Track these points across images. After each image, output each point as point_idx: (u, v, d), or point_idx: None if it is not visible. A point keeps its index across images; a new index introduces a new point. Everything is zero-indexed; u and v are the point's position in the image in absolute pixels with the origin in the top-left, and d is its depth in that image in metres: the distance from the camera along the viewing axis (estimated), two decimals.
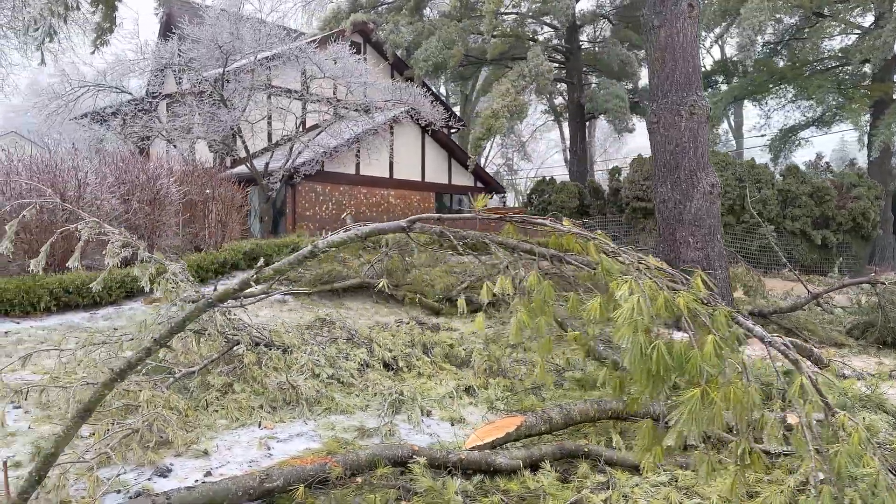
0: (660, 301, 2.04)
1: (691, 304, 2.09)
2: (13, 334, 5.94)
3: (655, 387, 2.07)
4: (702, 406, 1.97)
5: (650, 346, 1.96)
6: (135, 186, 7.80)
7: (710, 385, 1.99)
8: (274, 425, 4.29)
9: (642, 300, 1.97)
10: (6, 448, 3.79)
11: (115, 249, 4.39)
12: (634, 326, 1.95)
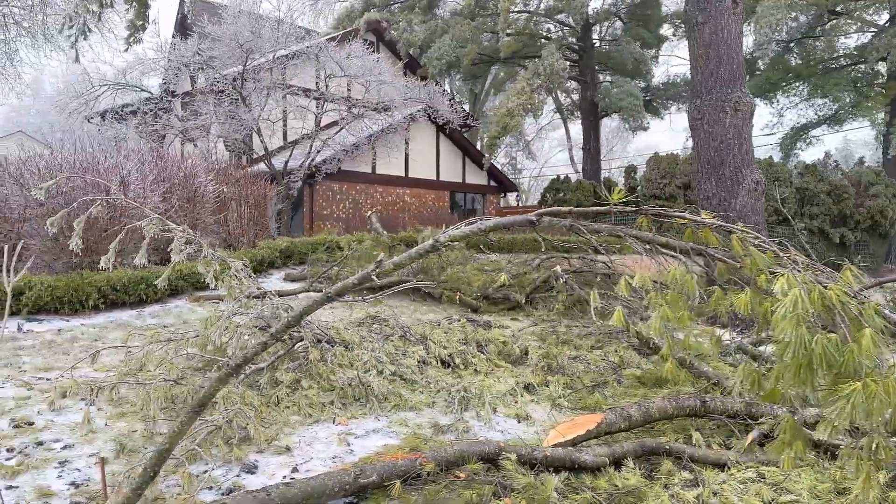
0: (814, 294, 2.02)
1: (843, 297, 2.07)
2: (66, 332, 5.93)
3: (805, 380, 2.05)
4: (863, 398, 1.95)
5: (812, 339, 1.94)
6: (174, 184, 7.79)
7: (869, 378, 1.97)
8: (347, 421, 4.28)
9: (802, 293, 1.95)
10: (89, 444, 3.78)
11: (180, 246, 4.38)
12: (796, 320, 1.93)
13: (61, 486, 3.31)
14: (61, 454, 3.65)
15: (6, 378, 4.84)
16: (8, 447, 3.70)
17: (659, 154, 20.58)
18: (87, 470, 3.50)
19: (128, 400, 4.41)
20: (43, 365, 5.14)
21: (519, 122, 20.77)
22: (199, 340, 4.95)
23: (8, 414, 4.19)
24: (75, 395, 4.48)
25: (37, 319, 6.20)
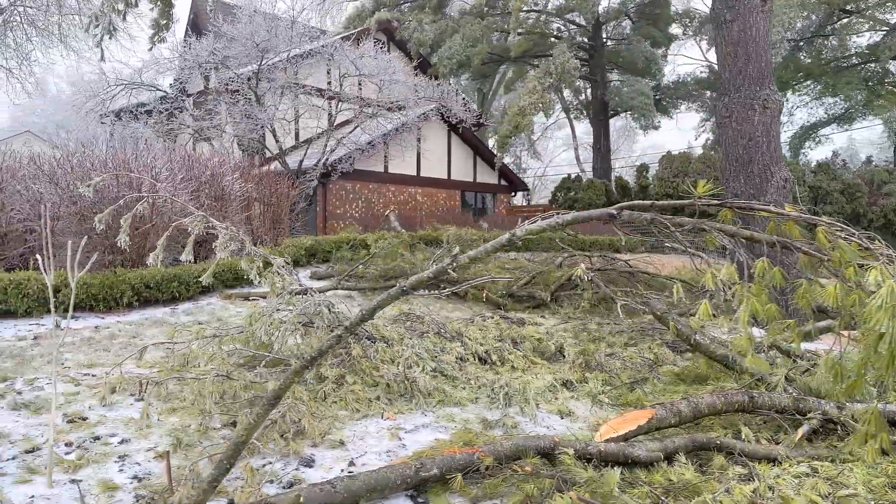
0: None
1: None
2: (103, 329, 5.97)
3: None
4: None
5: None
6: (202, 183, 7.83)
7: None
8: (395, 416, 4.31)
9: None
10: (145, 439, 3.81)
11: (225, 243, 4.42)
12: (892, 311, 1.94)
13: (124, 480, 3.34)
14: (119, 449, 3.69)
15: (52, 374, 4.88)
16: (66, 441, 3.74)
17: (671, 153, 20.57)
18: (147, 464, 3.53)
19: (176, 395, 4.44)
20: (86, 361, 5.17)
21: (530, 121, 20.78)
22: (243, 336, 4.99)
23: (60, 409, 4.23)
24: (124, 391, 4.51)
25: (74, 317, 6.24)
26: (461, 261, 2.60)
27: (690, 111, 28.88)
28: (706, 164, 19.63)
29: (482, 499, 3.31)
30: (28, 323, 6.00)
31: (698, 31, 27.51)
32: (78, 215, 6.79)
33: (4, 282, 5.95)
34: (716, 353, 4.85)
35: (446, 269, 2.60)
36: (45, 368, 5.00)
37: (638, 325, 6.59)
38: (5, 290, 5.96)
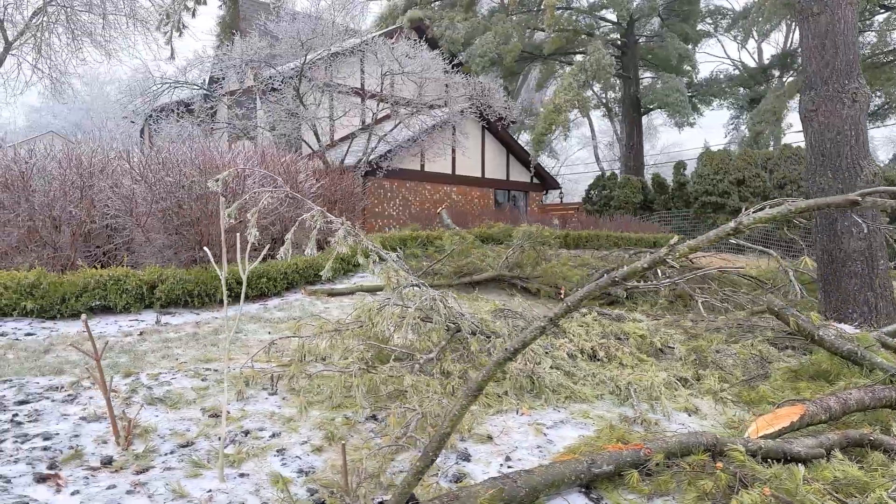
0: None
1: None
2: (204, 324, 5.98)
3: None
4: None
5: None
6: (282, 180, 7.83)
7: None
8: (530, 412, 4.27)
9: None
10: (295, 433, 3.80)
11: (344, 238, 4.40)
12: None
13: (290, 474, 3.33)
14: (273, 443, 3.68)
15: (171, 369, 4.89)
16: (221, 436, 3.73)
17: (710, 150, 20.38)
18: (307, 458, 3.52)
19: (307, 389, 4.43)
20: (201, 356, 5.18)
21: (566, 119, 20.67)
22: (361, 330, 4.97)
23: (195, 404, 4.23)
24: (255, 385, 4.51)
25: (169, 312, 6.26)
26: (681, 250, 2.55)
27: (722, 108, 28.63)
28: (747, 162, 19.43)
29: (654, 495, 3.26)
30: (128, 319, 6.02)
31: (730, 28, 27.25)
32: (164, 212, 6.81)
33: (104, 278, 5.98)
34: (841, 349, 4.76)
35: (664, 258, 2.55)
36: (161, 363, 5.01)
37: (733, 321, 6.50)
38: (105, 286, 5.99)
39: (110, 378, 4.65)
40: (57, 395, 4.30)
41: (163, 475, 3.26)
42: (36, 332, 5.59)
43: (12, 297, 5.71)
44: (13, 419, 3.87)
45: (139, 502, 3.00)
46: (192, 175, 6.82)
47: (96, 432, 3.77)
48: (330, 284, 7.73)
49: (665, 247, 2.57)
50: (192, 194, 6.74)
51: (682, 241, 2.68)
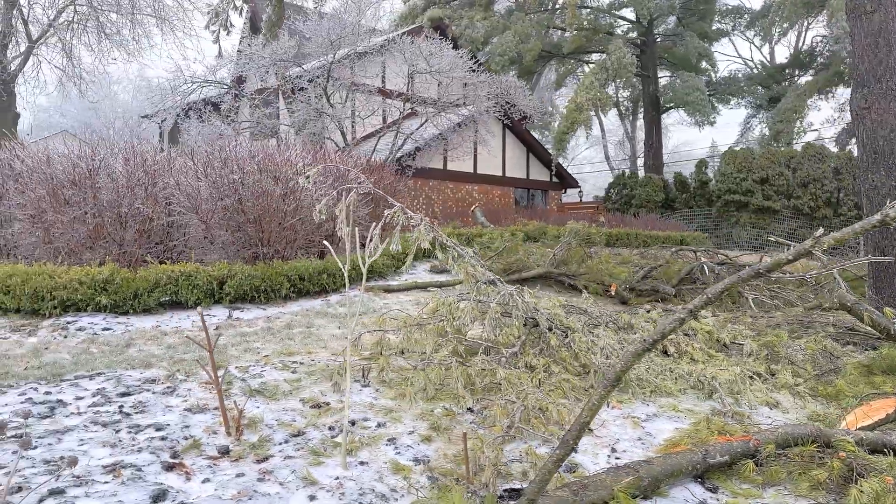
0: None
1: None
2: (275, 319, 6.07)
3: None
4: None
5: None
6: (336, 178, 7.93)
7: None
8: (619, 405, 4.33)
9: None
10: (400, 424, 3.88)
11: (426, 234, 4.47)
12: None
13: (406, 462, 3.41)
14: (380, 432, 3.75)
15: (257, 362, 4.97)
16: (328, 425, 3.81)
17: (733, 150, 20.40)
18: (418, 447, 3.59)
19: (396, 381, 4.51)
20: (282, 349, 5.27)
21: (588, 117, 20.70)
22: (441, 325, 5.04)
23: (292, 395, 4.31)
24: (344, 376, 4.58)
25: (238, 308, 6.35)
26: (825, 243, 2.61)
27: (739, 107, 28.61)
28: (770, 160, 19.43)
29: (766, 485, 3.33)
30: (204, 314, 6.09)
31: (749, 27, 27.22)
32: (224, 210, 6.90)
33: (175, 273, 6.07)
34: None
35: (809, 249, 2.61)
36: (245, 357, 5.10)
37: (792, 318, 6.55)
38: (176, 282, 6.08)
39: (203, 370, 4.74)
40: (156, 387, 4.39)
41: (285, 464, 3.34)
42: (112, 328, 5.69)
43: (87, 292, 5.81)
44: (121, 410, 3.96)
45: (271, 489, 3.08)
46: (253, 173, 6.91)
47: (204, 423, 3.85)
48: (383, 281, 7.82)
49: (810, 239, 2.63)
50: (254, 192, 6.83)
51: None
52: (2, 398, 4.17)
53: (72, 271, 5.86)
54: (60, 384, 4.43)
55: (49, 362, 4.86)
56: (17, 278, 5.77)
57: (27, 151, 6.64)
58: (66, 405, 4.05)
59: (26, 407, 4.00)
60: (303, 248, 7.47)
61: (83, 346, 5.22)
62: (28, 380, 4.53)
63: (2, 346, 5.18)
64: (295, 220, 7.14)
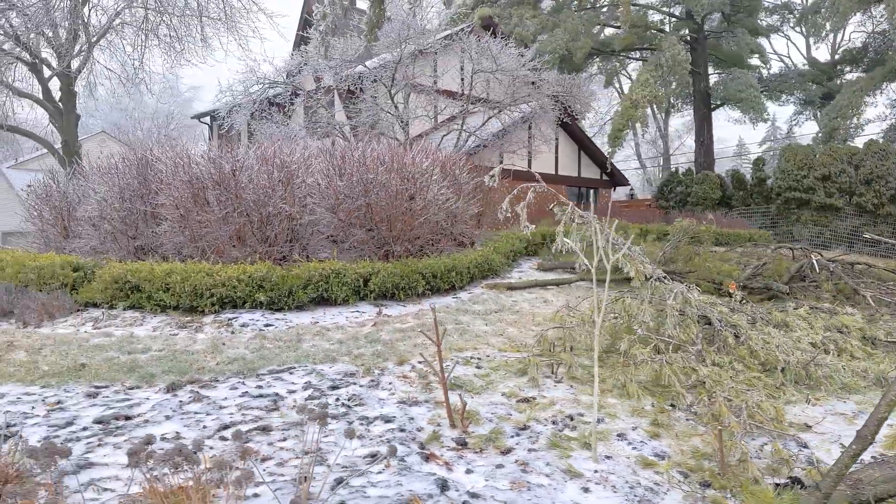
0: None
1: None
2: (421, 315, 6.16)
3: None
4: None
5: None
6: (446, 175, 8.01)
7: None
8: (819, 402, 4.35)
9: None
10: (617, 419, 3.94)
11: (604, 236, 4.51)
12: None
13: (650, 457, 3.47)
14: (603, 428, 3.82)
15: (433, 357, 5.06)
16: (547, 419, 3.89)
17: (793, 146, 20.16)
18: (650, 442, 3.66)
19: (584, 378, 4.58)
20: (449, 345, 5.36)
21: (644, 114, 20.60)
22: (612, 323, 5.10)
23: (490, 389, 4.40)
24: (533, 371, 4.66)
25: (381, 304, 6.46)
26: None
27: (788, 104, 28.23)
28: (832, 157, 19.17)
29: None
30: (349, 310, 6.24)
31: (798, 23, 26.84)
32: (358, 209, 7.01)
33: (326, 271, 6.20)
34: None
35: None
36: (416, 352, 5.19)
37: None
38: (327, 279, 6.21)
39: (389, 364, 4.86)
40: (360, 380, 4.51)
41: (532, 456, 3.42)
42: (273, 323, 5.83)
43: (245, 289, 5.96)
44: (343, 403, 4.07)
45: (540, 479, 3.16)
46: (384, 173, 7.02)
47: (423, 415, 3.95)
48: (500, 279, 7.89)
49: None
50: (388, 192, 6.94)
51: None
52: (213, 391, 4.31)
53: (229, 269, 6.02)
54: (262, 378, 4.57)
55: (235, 357, 5.01)
56: (177, 276, 5.94)
57: (168, 153, 6.81)
58: (283, 398, 4.18)
59: (246, 401, 4.13)
60: (426, 246, 7.57)
61: (256, 343, 5.36)
62: (225, 374, 4.67)
63: (179, 343, 5.34)
64: (422, 220, 7.24)
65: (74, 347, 5.25)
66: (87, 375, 4.68)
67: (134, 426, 3.74)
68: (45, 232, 7.92)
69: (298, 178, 6.96)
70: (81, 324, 5.89)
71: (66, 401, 4.21)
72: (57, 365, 4.91)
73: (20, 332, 5.69)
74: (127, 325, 5.77)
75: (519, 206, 4.53)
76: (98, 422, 3.81)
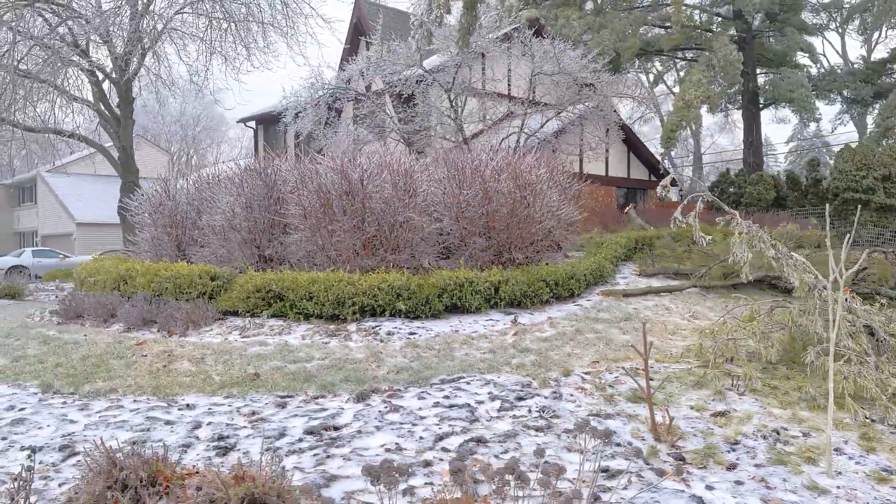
0: None
1: None
2: (556, 323, 6.19)
3: None
4: None
5: None
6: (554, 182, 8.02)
7: None
8: None
9: None
10: (821, 432, 3.93)
11: (766, 242, 4.47)
12: None
13: (882, 472, 3.45)
14: (812, 442, 3.82)
15: (592, 366, 5.09)
16: (750, 433, 3.89)
17: (851, 146, 19.88)
18: (868, 457, 3.64)
19: (765, 390, 4.57)
20: (598, 356, 5.38)
21: (698, 115, 20.44)
22: (780, 335, 5.08)
23: (671, 401, 4.41)
24: (685, 384, 4.67)
25: (511, 312, 6.49)
26: None
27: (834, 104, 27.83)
28: (892, 157, 18.86)
29: None
30: (483, 318, 6.29)
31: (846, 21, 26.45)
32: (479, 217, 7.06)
33: (460, 279, 6.26)
34: None
35: None
36: (570, 362, 5.21)
37: None
38: (461, 288, 6.27)
39: (554, 374, 4.89)
40: (541, 391, 4.56)
41: (762, 472, 3.42)
42: (416, 332, 5.89)
43: (385, 298, 6.04)
44: (539, 416, 4.11)
45: (785, 496, 3.16)
46: (503, 181, 7.06)
47: (622, 428, 3.98)
48: (611, 286, 7.89)
49: None
50: (507, 199, 6.98)
51: None
52: (401, 401, 4.37)
53: (370, 278, 6.09)
54: (441, 388, 4.62)
55: (399, 366, 5.07)
56: (320, 285, 6.03)
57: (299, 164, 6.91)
58: (475, 408, 4.23)
59: (442, 411, 4.18)
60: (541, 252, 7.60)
61: (410, 352, 5.42)
62: (399, 383, 4.74)
63: (336, 351, 5.42)
64: (539, 226, 7.27)
65: (236, 357, 5.36)
66: (265, 385, 4.78)
67: (349, 437, 3.81)
68: (158, 241, 8.05)
69: (422, 187, 7.02)
70: (228, 332, 6.00)
71: (260, 411, 4.30)
72: (227, 375, 5.02)
73: (172, 341, 5.81)
74: (275, 334, 5.87)
75: (690, 216, 4.56)
76: (310, 433, 3.89)
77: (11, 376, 5.22)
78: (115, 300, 6.66)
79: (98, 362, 5.32)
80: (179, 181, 8.42)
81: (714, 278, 8.26)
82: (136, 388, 4.81)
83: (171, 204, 8.03)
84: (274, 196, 6.99)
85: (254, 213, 6.90)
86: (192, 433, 3.98)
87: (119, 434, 4.00)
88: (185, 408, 4.42)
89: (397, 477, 2.30)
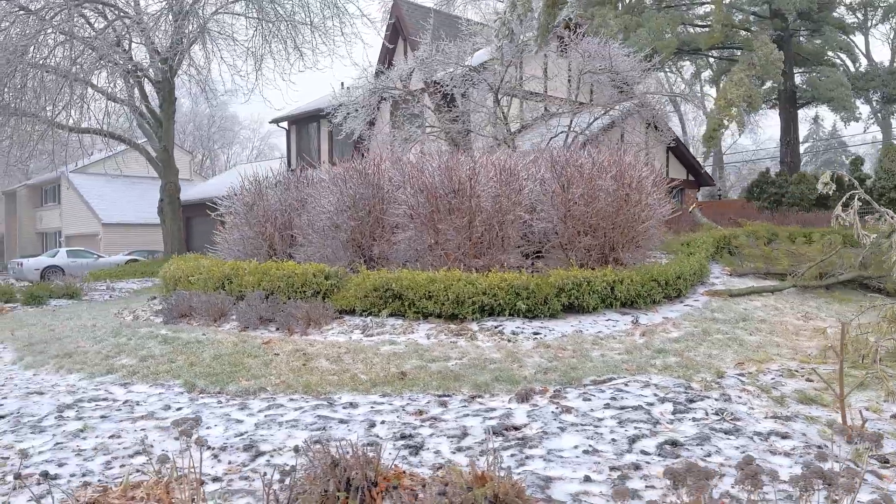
0: None
1: None
2: (678, 323, 6.12)
3: None
4: None
5: None
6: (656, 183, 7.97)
7: None
8: None
9: None
10: None
11: None
12: None
13: None
14: None
15: (738, 366, 5.02)
16: None
17: (894, 144, 19.66)
18: None
19: None
20: (739, 357, 5.31)
21: (741, 114, 20.30)
22: None
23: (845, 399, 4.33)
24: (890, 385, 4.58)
25: (627, 313, 6.43)
26: None
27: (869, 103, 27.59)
28: None
29: None
30: (602, 318, 6.23)
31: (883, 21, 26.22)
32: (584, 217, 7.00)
33: (579, 279, 6.21)
34: None
35: None
36: (711, 363, 5.13)
37: None
38: (579, 287, 6.21)
39: (706, 375, 4.82)
40: (710, 394, 4.48)
41: None
42: (539, 332, 5.83)
43: (505, 297, 5.99)
44: (721, 418, 4.04)
45: None
46: (609, 180, 7.00)
47: (806, 430, 3.90)
48: (711, 286, 7.81)
49: None
50: (615, 198, 6.91)
51: None
52: (565, 402, 4.31)
53: (489, 278, 6.05)
54: (600, 389, 4.57)
55: (544, 366, 5.01)
56: (439, 285, 5.99)
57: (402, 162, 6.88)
58: (649, 410, 4.17)
59: (617, 413, 4.13)
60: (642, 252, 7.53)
61: (544, 352, 5.35)
62: (551, 383, 4.68)
63: (470, 351, 5.36)
64: (645, 225, 7.20)
65: (371, 355, 5.32)
66: (416, 384, 4.73)
67: (536, 437, 3.76)
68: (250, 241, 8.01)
69: (527, 185, 6.97)
70: (349, 331, 5.96)
71: (426, 410, 4.26)
72: (372, 373, 4.98)
73: (297, 339, 5.78)
74: (399, 333, 5.82)
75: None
76: (494, 433, 3.84)
77: (150, 376, 5.20)
78: (224, 299, 6.64)
79: (234, 361, 5.29)
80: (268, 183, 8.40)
81: (809, 278, 8.16)
82: (285, 387, 4.78)
83: (264, 204, 8.01)
84: (378, 195, 6.95)
85: (359, 213, 6.86)
86: (370, 432, 3.94)
87: (296, 433, 3.97)
88: (348, 406, 4.39)
89: (706, 482, 2.24)
